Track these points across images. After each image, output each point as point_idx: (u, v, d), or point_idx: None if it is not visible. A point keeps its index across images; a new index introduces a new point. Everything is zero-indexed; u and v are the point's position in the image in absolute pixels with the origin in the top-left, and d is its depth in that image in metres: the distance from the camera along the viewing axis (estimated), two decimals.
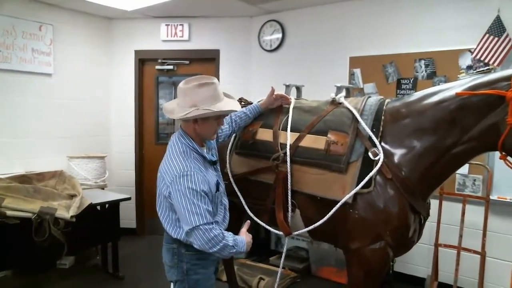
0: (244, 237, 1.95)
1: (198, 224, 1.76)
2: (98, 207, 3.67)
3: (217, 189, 1.97)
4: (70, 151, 4.44)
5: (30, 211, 3.03)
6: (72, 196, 3.42)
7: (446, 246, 3.29)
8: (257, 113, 2.56)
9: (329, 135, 2.23)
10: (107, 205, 3.77)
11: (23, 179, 3.37)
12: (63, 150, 4.41)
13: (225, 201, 2.12)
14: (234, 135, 2.67)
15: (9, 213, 2.95)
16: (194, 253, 1.93)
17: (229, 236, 1.86)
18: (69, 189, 3.50)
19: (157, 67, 5.00)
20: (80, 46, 4.68)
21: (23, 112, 4.17)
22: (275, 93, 2.54)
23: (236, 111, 2.11)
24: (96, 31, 4.84)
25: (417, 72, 3.61)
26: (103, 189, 4.29)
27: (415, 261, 3.67)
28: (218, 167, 2.11)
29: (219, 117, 1.96)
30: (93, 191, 4.02)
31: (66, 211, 3.18)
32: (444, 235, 3.33)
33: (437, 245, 3.33)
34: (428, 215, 2.26)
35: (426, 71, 3.56)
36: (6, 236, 3.01)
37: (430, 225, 3.30)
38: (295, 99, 2.68)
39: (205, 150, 2.01)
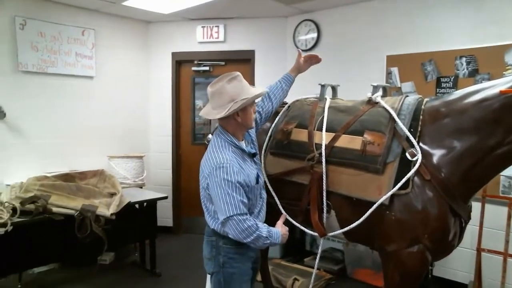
0: (279, 229, 1.99)
1: (232, 214, 1.83)
2: (137, 206, 3.78)
3: (257, 182, 2.00)
4: (111, 151, 4.59)
5: (73, 208, 3.16)
6: (112, 195, 3.54)
7: (490, 251, 3.15)
8: (290, 82, 2.45)
9: (365, 135, 2.19)
10: (145, 204, 3.87)
11: (67, 177, 3.53)
12: (104, 150, 4.57)
13: (264, 194, 2.14)
14: (268, 135, 2.68)
15: (54, 209, 3.09)
16: (232, 246, 1.98)
17: (264, 227, 1.91)
18: (109, 187, 3.62)
19: (194, 68, 5.08)
20: (120, 49, 4.83)
21: (67, 114, 4.36)
22: (303, 54, 2.47)
23: (267, 92, 2.20)
24: (134, 34, 4.99)
25: (458, 70, 3.48)
26: (141, 188, 4.41)
27: (456, 266, 3.54)
28: (259, 160, 2.15)
29: (253, 103, 2.03)
30: (131, 189, 4.14)
31: (107, 208, 3.29)
32: (488, 240, 3.19)
33: (479, 250, 3.19)
34: (469, 218, 2.18)
35: (467, 68, 3.43)
36: (52, 231, 3.16)
37: (472, 229, 3.16)
38: (331, 99, 2.65)
39: (243, 144, 2.05)
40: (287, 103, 2.78)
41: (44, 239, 3.15)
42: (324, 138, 2.35)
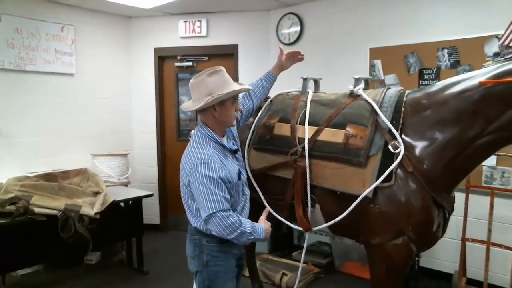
0: (263, 225, 1.97)
1: (215, 210, 1.81)
2: (122, 204, 3.73)
3: (239, 178, 1.98)
4: (94, 149, 4.52)
5: (56, 208, 3.11)
6: (96, 193, 3.50)
7: (474, 240, 3.18)
8: (272, 80, 2.45)
9: (347, 129, 2.19)
10: (130, 202, 3.83)
11: (49, 177, 3.47)
12: (87, 148, 4.50)
13: (247, 191, 2.12)
14: (251, 130, 2.66)
15: (36, 210, 3.04)
16: (215, 244, 1.96)
17: (247, 223, 1.89)
18: (93, 186, 3.58)
19: (177, 64, 5.03)
20: (101, 45, 4.75)
21: (48, 112, 4.27)
22: (285, 51, 2.46)
23: (248, 89, 2.14)
24: (115, 30, 4.90)
25: (440, 62, 3.50)
26: (126, 186, 4.35)
27: (441, 256, 3.58)
28: (240, 157, 2.13)
29: (235, 101, 2.00)
30: (116, 188, 4.08)
31: (90, 208, 3.25)
32: (472, 229, 3.22)
33: (464, 240, 3.22)
34: (452, 209, 2.20)
35: (449, 60, 3.45)
36: (35, 233, 3.10)
37: (456, 219, 3.20)
38: (313, 92, 2.64)
39: (225, 140, 2.03)
40: (269, 97, 2.76)
41: (27, 241, 3.09)
42: (306, 132, 2.34)
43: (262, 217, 2.04)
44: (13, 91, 3.99)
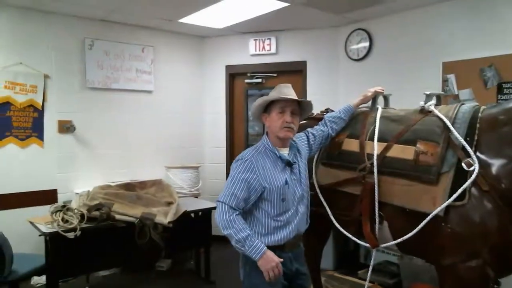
0: (265, 251, 1.93)
1: (223, 200, 1.98)
2: (192, 215, 3.91)
3: (284, 183, 2.05)
4: (168, 161, 4.81)
5: (133, 215, 3.33)
6: (169, 203, 3.69)
7: None
8: (350, 113, 2.58)
9: (418, 145, 2.14)
10: (200, 213, 3.99)
11: (128, 186, 3.73)
12: (162, 160, 4.80)
13: (302, 209, 2.14)
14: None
15: (117, 217, 3.28)
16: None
17: (244, 233, 1.92)
18: (166, 196, 3.79)
19: (247, 80, 5.21)
20: (177, 63, 5.08)
21: (129, 127, 4.65)
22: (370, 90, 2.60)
23: (283, 98, 2.08)
24: (190, 49, 5.22)
25: None
26: (196, 197, 4.55)
27: None
28: (297, 170, 2.16)
29: (283, 112, 2.08)
30: (187, 199, 4.28)
31: (164, 217, 3.44)
32: None
33: None
34: None
35: None
36: (115, 238, 3.35)
37: None
38: (382, 108, 2.62)
39: (283, 150, 2.13)
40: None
41: (108, 245, 3.34)
42: (375, 148, 2.32)
43: (273, 255, 1.97)
44: (100, 107, 4.42)
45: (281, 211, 2.07)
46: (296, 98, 2.12)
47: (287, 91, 2.12)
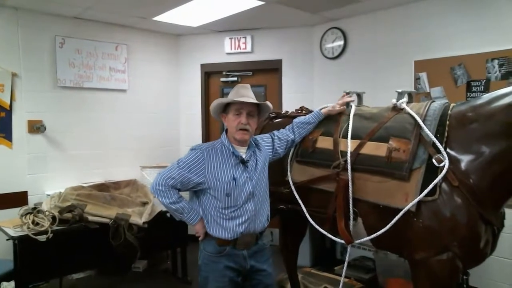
0: (201, 223, 2.16)
1: (162, 175, 2.12)
2: (168, 214, 3.85)
3: (231, 179, 2.09)
4: (143, 161, 4.74)
5: (107, 217, 3.27)
6: (144, 204, 3.65)
7: None
8: (318, 118, 2.60)
9: (390, 142, 2.18)
10: None
11: (102, 187, 3.67)
12: (137, 160, 4.72)
13: (251, 206, 2.14)
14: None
15: (90, 218, 3.22)
16: (207, 252, 2.15)
17: (174, 198, 2.12)
18: (141, 196, 3.74)
19: (222, 79, 5.19)
20: (151, 62, 5.01)
21: (102, 126, 4.55)
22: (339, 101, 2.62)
23: (237, 101, 2.12)
24: (165, 47, 5.15)
25: (490, 73, 3.39)
26: None
27: (494, 277, 3.40)
28: (252, 168, 2.18)
29: (239, 113, 2.12)
30: None
31: (139, 217, 3.39)
32: None
33: None
34: (502, 225, 2.12)
35: (500, 71, 3.33)
36: (88, 239, 3.27)
37: (510, 238, 3.05)
38: (356, 106, 2.65)
39: (239, 148, 2.17)
40: (312, 111, 2.79)
41: (81, 247, 3.26)
42: (349, 145, 2.34)
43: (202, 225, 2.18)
44: (72, 107, 4.31)
45: (226, 205, 2.10)
46: (252, 100, 2.12)
47: (245, 92, 2.14)
